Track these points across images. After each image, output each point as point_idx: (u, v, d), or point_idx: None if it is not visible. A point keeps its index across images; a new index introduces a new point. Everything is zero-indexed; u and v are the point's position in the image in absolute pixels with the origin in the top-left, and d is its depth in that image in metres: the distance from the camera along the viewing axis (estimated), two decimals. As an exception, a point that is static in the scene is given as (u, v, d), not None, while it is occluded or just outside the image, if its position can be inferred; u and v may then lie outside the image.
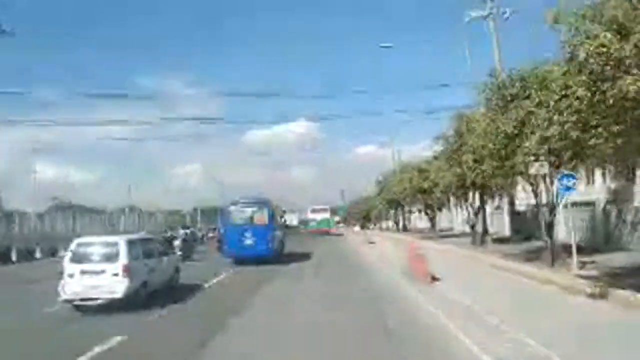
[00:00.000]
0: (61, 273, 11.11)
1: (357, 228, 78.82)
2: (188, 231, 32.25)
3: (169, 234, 28.78)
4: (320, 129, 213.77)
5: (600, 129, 8.56)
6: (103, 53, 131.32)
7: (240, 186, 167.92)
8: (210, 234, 45.53)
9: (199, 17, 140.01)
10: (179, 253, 20.47)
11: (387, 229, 61.85)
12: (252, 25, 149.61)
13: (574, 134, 9.36)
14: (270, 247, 20.72)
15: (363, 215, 72.05)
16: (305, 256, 24.37)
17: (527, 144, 12.00)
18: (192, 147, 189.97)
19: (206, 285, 15.00)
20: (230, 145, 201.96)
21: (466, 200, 25.49)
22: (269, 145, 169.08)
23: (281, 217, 27.78)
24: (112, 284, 10.77)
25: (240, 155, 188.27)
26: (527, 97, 12.11)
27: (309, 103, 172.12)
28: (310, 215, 61.63)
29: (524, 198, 22.97)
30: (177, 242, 24.44)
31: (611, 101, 7.58)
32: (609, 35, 6.92)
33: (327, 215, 59.65)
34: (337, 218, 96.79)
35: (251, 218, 20.95)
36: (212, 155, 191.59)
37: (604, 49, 6.94)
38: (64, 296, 10.85)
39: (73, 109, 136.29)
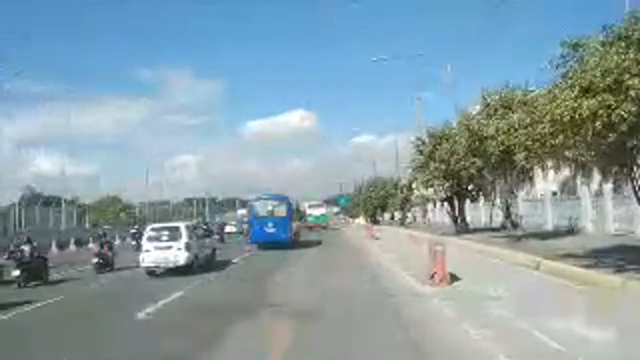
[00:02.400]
0: (140, 249, 16.10)
1: (359, 220, 72.04)
2: (206, 225, 37.18)
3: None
4: (318, 118, 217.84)
5: None
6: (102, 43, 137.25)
7: (236, 177, 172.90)
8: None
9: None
10: None
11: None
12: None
13: None
14: (289, 235, 25.46)
15: (376, 205, 56.79)
16: (312, 243, 29.03)
17: None
18: (188, 138, 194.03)
19: (234, 261, 20.05)
20: (227, 136, 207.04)
21: None
22: (266, 135, 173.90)
23: (296, 210, 32.33)
24: (177, 255, 15.74)
25: (237, 146, 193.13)
26: None
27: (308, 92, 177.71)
28: (308, 211, 66.28)
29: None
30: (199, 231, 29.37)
31: None
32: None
33: (323, 210, 63.97)
34: (336, 209, 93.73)
35: (272, 211, 25.68)
36: (209, 147, 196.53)
37: None
38: (143, 264, 15.88)
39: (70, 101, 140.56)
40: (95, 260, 18.09)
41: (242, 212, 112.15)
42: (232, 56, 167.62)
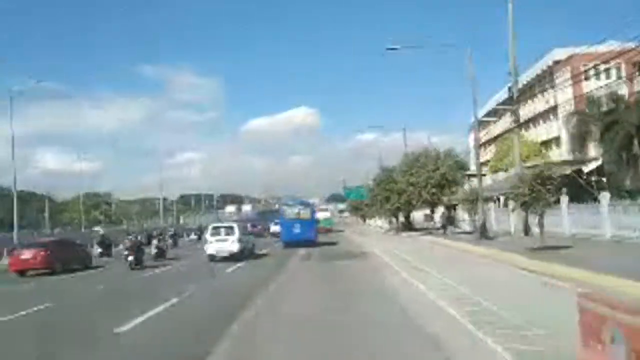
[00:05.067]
0: (205, 242, 22.67)
1: (375, 221, 62.71)
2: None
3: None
4: (321, 115, 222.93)
5: None
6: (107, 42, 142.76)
7: (238, 174, 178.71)
8: None
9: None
10: None
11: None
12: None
13: None
14: (312, 235, 31.14)
15: (424, 198, 33.57)
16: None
17: None
18: (191, 135, 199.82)
19: (265, 252, 26.61)
20: (229, 134, 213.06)
21: None
22: (268, 133, 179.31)
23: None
24: (231, 246, 22.38)
25: (240, 143, 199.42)
26: None
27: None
28: None
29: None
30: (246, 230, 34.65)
31: None
32: None
33: (328, 214, 68.42)
34: (341, 206, 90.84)
35: (298, 215, 31.51)
36: (211, 144, 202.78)
37: None
38: (208, 252, 22.56)
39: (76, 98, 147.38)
40: (154, 251, 24.97)
41: (231, 209, 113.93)
42: (234, 54, 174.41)
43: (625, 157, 22.35)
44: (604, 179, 21.41)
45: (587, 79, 27.90)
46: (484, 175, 36.00)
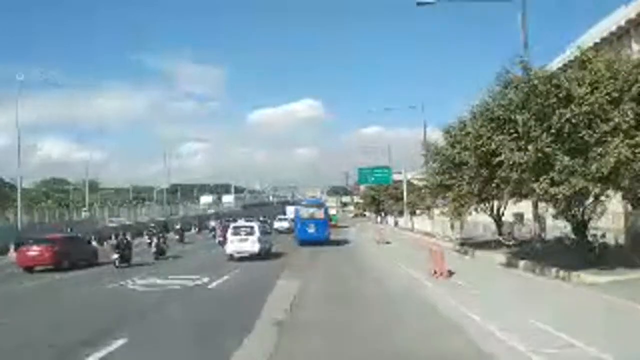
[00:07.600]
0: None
1: (405, 220, 47.56)
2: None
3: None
4: (325, 108, 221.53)
5: None
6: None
7: (237, 166, 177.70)
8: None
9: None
10: None
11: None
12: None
13: None
14: (326, 234, 30.91)
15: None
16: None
17: None
18: (194, 126, 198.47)
19: (284, 251, 25.63)
20: (232, 125, 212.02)
21: None
22: (271, 125, 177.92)
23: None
24: (252, 246, 21.68)
25: (242, 134, 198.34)
26: None
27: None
28: None
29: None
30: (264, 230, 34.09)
31: None
32: None
33: (334, 211, 67.14)
34: (345, 199, 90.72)
35: (312, 214, 31.32)
36: (214, 134, 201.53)
37: None
38: (228, 251, 21.69)
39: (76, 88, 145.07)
40: (154, 249, 24.03)
41: (207, 199, 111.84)
42: (238, 44, 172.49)
43: None
44: None
45: None
46: None
